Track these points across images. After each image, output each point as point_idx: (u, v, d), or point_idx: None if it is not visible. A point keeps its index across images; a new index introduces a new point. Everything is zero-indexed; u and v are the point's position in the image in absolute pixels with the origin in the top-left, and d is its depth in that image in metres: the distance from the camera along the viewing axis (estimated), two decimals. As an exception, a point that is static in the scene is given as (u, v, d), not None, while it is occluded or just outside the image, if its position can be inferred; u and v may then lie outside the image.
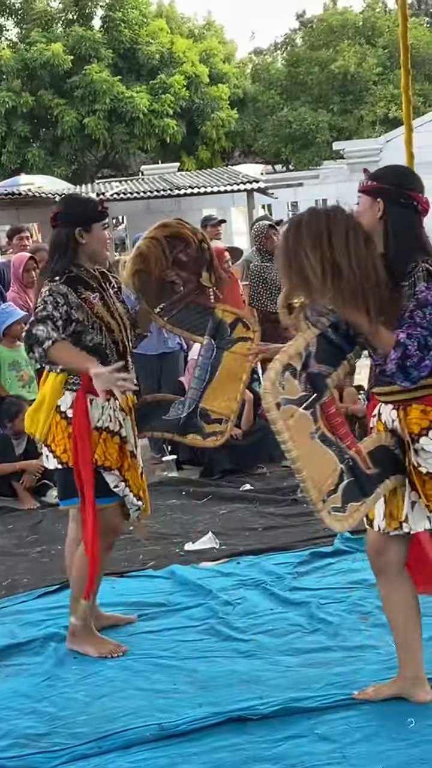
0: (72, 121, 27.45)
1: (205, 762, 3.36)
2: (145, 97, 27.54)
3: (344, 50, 29.72)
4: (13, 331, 7.58)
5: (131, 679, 4.09)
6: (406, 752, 3.33)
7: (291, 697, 3.75)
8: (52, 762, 3.46)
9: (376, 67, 29.36)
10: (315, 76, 30.34)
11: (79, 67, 27.73)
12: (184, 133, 28.64)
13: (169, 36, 28.98)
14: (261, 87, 31.44)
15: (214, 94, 28.75)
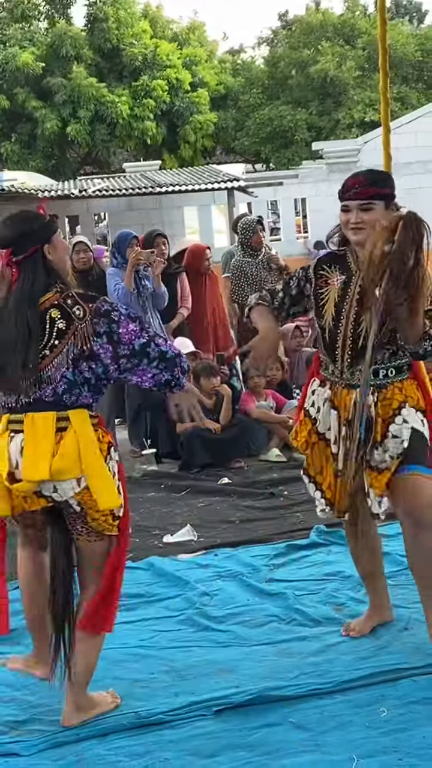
0: (53, 127, 27.34)
1: (182, 749, 3.38)
2: (127, 102, 27.50)
3: (324, 51, 29.70)
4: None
5: (109, 669, 4.09)
6: (377, 740, 3.36)
7: (266, 686, 3.77)
8: (32, 749, 3.48)
9: (355, 70, 29.37)
10: (294, 77, 30.33)
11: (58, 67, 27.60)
12: (164, 134, 28.63)
13: (153, 39, 28.90)
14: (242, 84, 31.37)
15: (195, 98, 28.78)
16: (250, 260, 8.87)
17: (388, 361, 3.86)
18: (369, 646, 4.12)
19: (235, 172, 22.52)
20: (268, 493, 6.82)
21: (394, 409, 3.84)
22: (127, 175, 22.69)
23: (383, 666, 3.90)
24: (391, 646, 4.10)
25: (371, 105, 28.12)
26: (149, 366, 3.55)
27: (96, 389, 3.60)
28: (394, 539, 5.27)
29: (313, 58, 29.94)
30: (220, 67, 31.87)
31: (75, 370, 3.50)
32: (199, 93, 28.97)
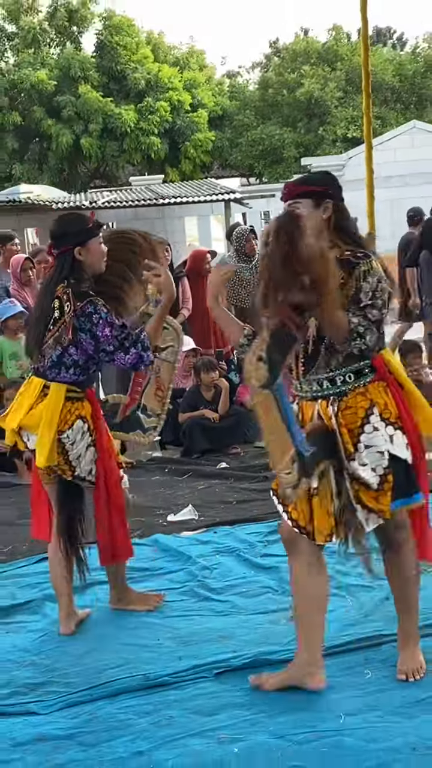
0: (68, 141, 27.33)
1: (185, 708, 3.38)
2: (132, 114, 27.48)
3: (308, 75, 29.68)
4: (10, 324, 7.55)
5: (119, 635, 4.11)
6: (361, 699, 3.36)
7: (261, 650, 3.77)
8: (49, 708, 3.48)
9: (337, 92, 29.33)
10: (284, 98, 30.33)
11: (68, 86, 27.57)
12: (167, 150, 28.63)
13: (156, 64, 28.87)
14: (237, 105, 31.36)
15: (195, 118, 28.78)
16: (244, 265, 8.86)
17: (343, 366, 3.33)
18: (354, 615, 4.12)
19: (232, 185, 22.54)
20: (262, 476, 6.81)
21: (362, 418, 3.31)
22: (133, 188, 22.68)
23: (367, 632, 3.90)
24: (373, 615, 4.10)
25: (352, 122, 28.10)
26: (120, 359, 3.99)
27: (83, 370, 4.03)
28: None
29: (299, 81, 29.90)
30: (217, 90, 31.84)
31: (63, 353, 3.96)
32: (199, 113, 28.95)
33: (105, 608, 4.47)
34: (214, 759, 3.03)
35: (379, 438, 3.31)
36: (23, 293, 8.02)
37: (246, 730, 3.20)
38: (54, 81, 27.23)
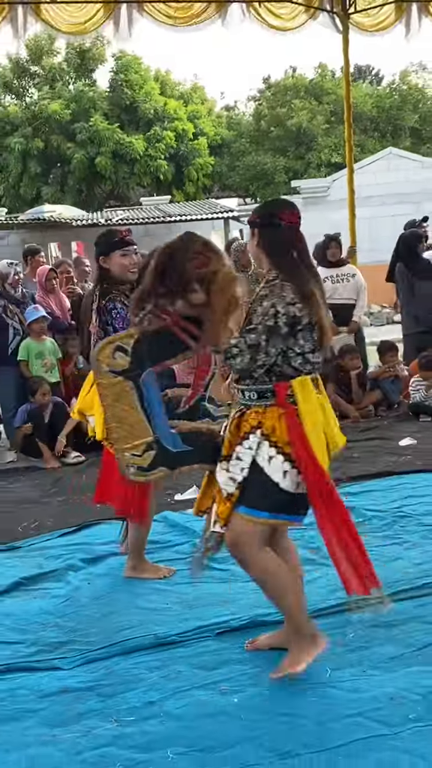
0: (81, 159, 27.42)
1: (191, 663, 3.38)
2: (142, 143, 27.56)
3: (298, 108, 29.72)
4: (35, 327, 7.54)
5: (133, 600, 4.11)
6: (346, 656, 3.36)
7: (257, 613, 3.77)
8: (71, 664, 3.49)
9: (324, 123, 29.37)
10: (275, 129, 30.35)
11: (82, 116, 27.67)
12: (173, 172, 28.68)
13: (163, 98, 28.91)
14: (234, 135, 31.45)
15: (196, 145, 28.88)
16: (241, 275, 8.83)
17: (252, 384, 3.16)
18: (338, 581, 4.11)
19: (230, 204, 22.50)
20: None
21: (245, 432, 3.16)
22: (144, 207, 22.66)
23: (349, 597, 3.88)
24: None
25: (336, 149, 28.11)
26: None
27: None
28: (359, 495, 5.29)
29: (289, 114, 29.92)
30: (217, 121, 31.87)
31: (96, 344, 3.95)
32: (200, 141, 29.02)
33: (119, 576, 4.46)
34: (216, 708, 3.04)
35: (248, 454, 3.14)
36: (47, 300, 8.01)
37: (244, 683, 3.21)
38: (69, 111, 27.36)
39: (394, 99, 30.86)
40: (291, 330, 3.10)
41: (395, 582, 4.00)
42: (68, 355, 7.90)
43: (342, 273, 8.51)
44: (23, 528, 5.45)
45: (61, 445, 7.22)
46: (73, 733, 2.96)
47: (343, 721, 2.88)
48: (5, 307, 7.63)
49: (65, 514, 5.71)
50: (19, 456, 7.35)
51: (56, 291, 8.15)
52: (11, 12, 8.74)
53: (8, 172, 28.05)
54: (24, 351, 7.52)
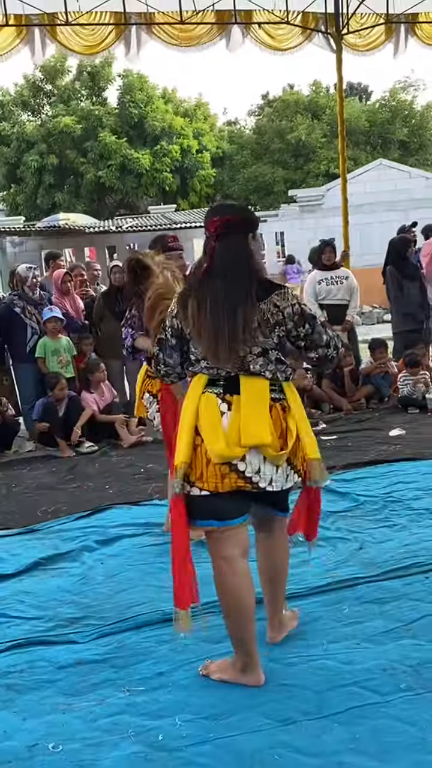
0: (91, 177, 27.50)
1: (197, 637, 3.36)
2: (148, 158, 27.57)
3: (298, 124, 29.70)
4: (50, 327, 7.53)
5: (144, 578, 4.10)
6: (341, 630, 3.35)
7: (258, 591, 3.74)
8: (86, 638, 3.48)
9: (321, 138, 29.34)
10: (276, 143, 30.31)
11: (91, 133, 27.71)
12: (178, 184, 28.68)
13: (169, 115, 28.88)
14: (235, 149, 31.42)
15: (200, 159, 28.90)
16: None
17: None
18: (333, 561, 4.12)
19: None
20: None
21: None
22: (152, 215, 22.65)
23: (344, 575, 3.89)
24: (350, 561, 4.09)
25: (332, 161, 28.07)
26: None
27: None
28: (352, 482, 5.27)
29: (289, 128, 29.89)
30: (219, 136, 31.81)
31: None
32: (203, 155, 29.02)
33: (132, 556, 4.46)
34: (221, 678, 3.03)
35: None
36: (62, 301, 8.00)
37: (246, 655, 3.19)
38: (81, 126, 27.39)
39: (385, 114, 30.81)
40: (179, 341, 2.99)
41: (385, 562, 4.00)
42: (82, 353, 7.89)
43: (336, 275, 8.48)
44: (41, 512, 5.45)
45: (76, 436, 7.22)
46: (88, 701, 2.96)
47: (339, 690, 2.87)
48: (24, 308, 7.62)
49: (80, 499, 5.71)
50: (37, 446, 7.35)
51: (71, 293, 8.14)
52: (28, 34, 8.72)
53: (25, 184, 28.09)
54: (41, 348, 7.52)
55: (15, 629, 3.62)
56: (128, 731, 2.74)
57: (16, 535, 4.98)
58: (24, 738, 2.76)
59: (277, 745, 2.59)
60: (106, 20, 9.03)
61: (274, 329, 2.89)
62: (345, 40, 10.19)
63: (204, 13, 9.33)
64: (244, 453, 2.84)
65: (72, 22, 8.89)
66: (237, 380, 2.88)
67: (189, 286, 2.99)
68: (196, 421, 2.89)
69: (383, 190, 21.58)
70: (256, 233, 3.01)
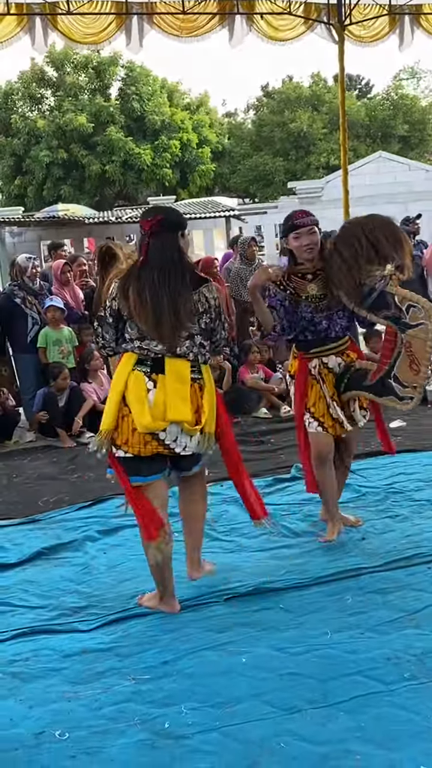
0: (96, 170, 27.41)
1: (202, 626, 3.39)
2: (149, 154, 27.46)
3: (300, 116, 29.62)
4: (49, 316, 7.51)
5: (146, 568, 3.99)
6: (345, 620, 3.37)
7: (261, 581, 3.78)
8: (90, 626, 3.49)
9: (322, 129, 29.27)
10: (276, 134, 30.23)
11: (99, 128, 27.58)
12: (177, 178, 28.61)
13: (170, 109, 28.74)
14: (234, 141, 31.33)
15: (200, 154, 28.78)
16: (246, 267, 8.82)
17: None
18: (337, 551, 4.13)
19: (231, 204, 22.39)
20: (258, 441, 6.80)
21: None
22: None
23: (348, 565, 3.90)
24: (353, 552, 4.11)
25: (332, 153, 28.00)
26: None
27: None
28: (354, 473, 5.27)
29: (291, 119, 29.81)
30: (218, 129, 31.68)
31: None
32: (204, 150, 28.92)
33: (134, 546, 4.45)
34: (225, 667, 3.05)
35: None
36: (62, 292, 7.98)
37: (251, 644, 3.21)
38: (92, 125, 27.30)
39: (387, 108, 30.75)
40: (115, 320, 3.43)
41: (388, 552, 4.02)
42: (83, 343, 7.87)
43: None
44: (43, 502, 5.45)
45: (77, 426, 7.22)
46: (93, 690, 2.97)
47: (344, 679, 2.89)
48: (24, 299, 7.60)
49: (81, 489, 5.71)
50: (38, 436, 7.35)
51: (71, 283, 8.12)
52: (29, 23, 8.67)
53: (33, 177, 28.00)
54: (43, 339, 7.50)
55: (19, 618, 3.63)
56: (134, 719, 2.75)
57: (18, 525, 4.98)
58: (30, 725, 2.77)
59: (283, 733, 2.60)
60: (107, 9, 8.98)
61: (202, 317, 3.42)
62: (349, 31, 10.14)
63: (206, 3, 9.28)
64: (166, 426, 3.37)
65: (73, 11, 8.85)
66: (162, 361, 3.38)
67: (127, 276, 3.39)
68: (124, 393, 3.39)
69: (383, 183, 21.51)
70: (185, 232, 3.48)
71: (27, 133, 27.74)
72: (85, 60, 28.77)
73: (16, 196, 28.65)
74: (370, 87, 38.13)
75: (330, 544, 4.21)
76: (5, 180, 29.07)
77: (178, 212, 3.61)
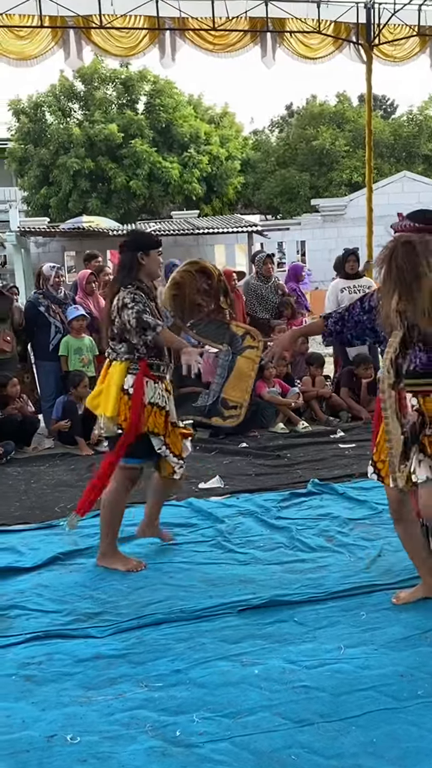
0: (122, 182, 27.55)
1: (214, 637, 3.39)
2: (177, 168, 27.57)
3: (323, 132, 29.75)
4: (75, 325, 7.57)
5: (160, 577, 4.11)
6: (358, 635, 3.35)
7: (276, 593, 3.77)
8: (104, 633, 3.50)
9: (345, 146, 29.36)
10: (301, 149, 30.36)
11: (127, 141, 27.75)
12: (205, 191, 28.70)
13: (197, 122, 28.88)
14: (260, 155, 31.46)
15: (229, 168, 28.89)
16: (262, 284, 8.85)
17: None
18: (352, 567, 4.11)
19: (253, 220, 22.47)
20: (275, 455, 6.80)
21: None
22: (174, 220, 22.68)
23: (362, 581, 3.89)
24: (368, 568, 4.09)
25: (355, 170, 28.08)
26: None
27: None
28: (371, 490, 5.27)
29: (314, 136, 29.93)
30: (244, 143, 31.82)
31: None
32: (233, 164, 29.01)
33: (149, 555, 4.47)
34: (238, 678, 3.04)
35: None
36: (86, 301, 8.04)
37: (264, 656, 3.20)
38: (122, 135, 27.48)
39: (412, 128, 30.81)
40: None
41: (403, 569, 3.99)
42: (103, 353, 7.90)
43: (359, 284, 8.48)
44: (60, 508, 5.47)
45: (95, 435, 7.24)
46: (106, 695, 2.98)
47: (356, 694, 2.87)
48: (48, 307, 7.67)
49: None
50: (56, 443, 7.39)
51: (95, 293, 8.19)
52: (63, 35, 8.79)
53: (59, 188, 28.17)
54: (64, 347, 7.56)
55: (34, 622, 3.64)
56: (146, 726, 2.75)
57: (35, 530, 5.00)
58: (42, 728, 2.78)
59: (294, 745, 2.60)
60: (140, 24, 9.08)
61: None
62: (379, 50, 10.19)
63: (237, 20, 9.36)
64: None
65: (106, 26, 8.96)
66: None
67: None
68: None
69: (406, 202, 21.49)
70: (147, 251, 4.19)
71: (57, 142, 27.93)
72: (113, 74, 28.99)
73: (41, 207, 28.84)
74: (395, 107, 38.22)
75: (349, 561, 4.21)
76: (31, 191, 29.27)
77: (144, 235, 4.36)
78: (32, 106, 29.13)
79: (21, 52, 8.59)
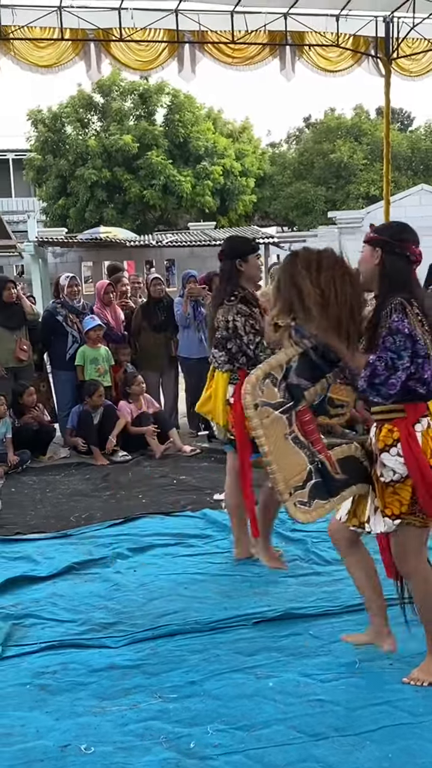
0: (136, 192, 27.72)
1: (229, 648, 3.38)
2: (190, 181, 27.70)
3: (340, 146, 29.83)
4: (92, 335, 7.60)
5: (175, 588, 4.12)
6: (374, 650, 3.32)
7: (291, 606, 3.77)
8: (118, 643, 3.51)
9: (362, 160, 29.41)
10: (318, 162, 30.42)
11: (143, 152, 27.90)
12: (218, 205, 28.80)
13: (214, 135, 28.99)
14: (277, 169, 31.55)
15: (243, 183, 28.96)
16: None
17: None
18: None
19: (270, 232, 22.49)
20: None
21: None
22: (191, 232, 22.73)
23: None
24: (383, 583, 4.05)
25: (373, 183, 28.11)
26: None
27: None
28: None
29: (331, 149, 30.00)
30: (261, 157, 31.93)
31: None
32: (247, 180, 29.08)
33: (164, 566, 4.47)
34: (252, 690, 3.04)
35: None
36: (104, 312, 8.07)
37: (279, 669, 3.20)
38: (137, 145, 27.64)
39: (429, 141, 30.85)
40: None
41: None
42: (119, 363, 7.94)
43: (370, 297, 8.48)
44: (75, 518, 5.48)
45: (111, 445, 7.27)
46: (120, 706, 2.98)
47: (371, 708, 2.86)
48: (66, 317, 7.71)
49: (113, 506, 5.74)
50: (72, 453, 7.41)
51: (112, 304, 8.22)
52: (84, 47, 8.85)
53: (76, 198, 28.37)
54: (80, 357, 7.59)
55: (48, 631, 3.65)
56: (160, 737, 2.75)
57: (50, 539, 5.02)
58: (56, 738, 2.78)
59: (308, 759, 2.59)
60: (159, 37, 9.14)
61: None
62: (397, 64, 10.21)
63: (256, 34, 9.40)
64: None
65: (126, 38, 9.02)
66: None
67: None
68: None
69: (424, 215, 21.46)
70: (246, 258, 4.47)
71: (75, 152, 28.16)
72: (132, 87, 29.18)
73: (59, 217, 29.05)
74: (412, 119, 38.25)
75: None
76: (50, 201, 29.50)
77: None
78: (51, 117, 29.38)
79: (41, 60, 8.66)
